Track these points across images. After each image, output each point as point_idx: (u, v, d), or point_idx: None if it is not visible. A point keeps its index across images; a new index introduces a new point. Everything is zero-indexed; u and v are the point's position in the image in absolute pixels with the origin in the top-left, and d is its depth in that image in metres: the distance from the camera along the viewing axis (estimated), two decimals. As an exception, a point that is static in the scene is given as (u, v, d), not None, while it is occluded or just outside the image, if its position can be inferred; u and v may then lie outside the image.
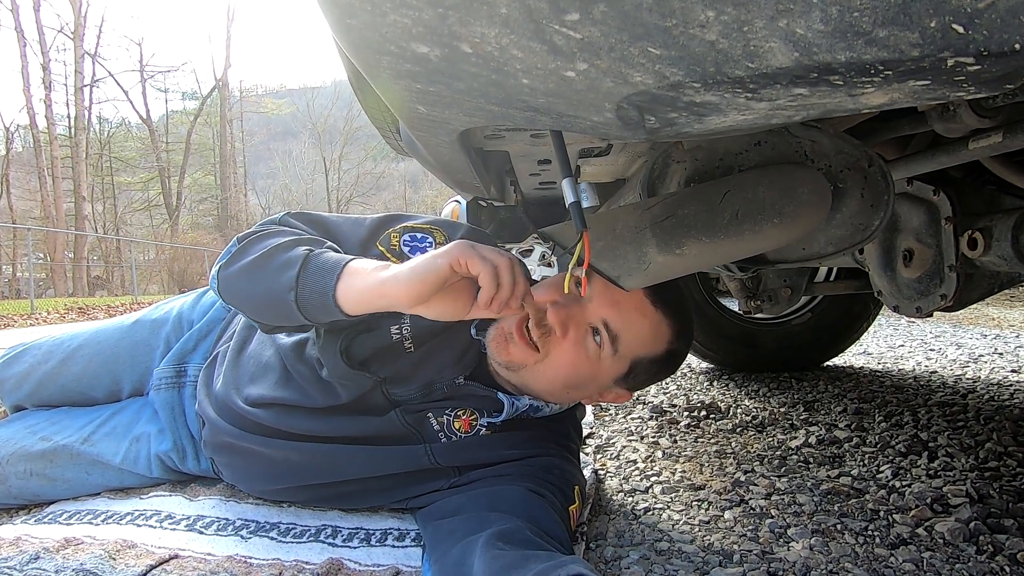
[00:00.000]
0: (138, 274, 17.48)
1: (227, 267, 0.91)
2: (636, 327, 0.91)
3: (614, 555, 0.93)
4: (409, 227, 1.02)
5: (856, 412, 1.71)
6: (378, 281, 0.78)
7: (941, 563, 0.89)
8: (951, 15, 0.31)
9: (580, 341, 0.91)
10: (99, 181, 25.00)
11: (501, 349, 0.93)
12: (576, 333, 0.91)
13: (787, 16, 0.33)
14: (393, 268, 0.79)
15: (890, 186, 0.75)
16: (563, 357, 0.91)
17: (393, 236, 1.00)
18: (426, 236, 1.00)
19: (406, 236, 1.00)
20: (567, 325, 0.90)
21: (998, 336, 3.20)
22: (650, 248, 0.76)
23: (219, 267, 0.92)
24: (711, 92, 0.42)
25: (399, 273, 0.78)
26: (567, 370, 0.92)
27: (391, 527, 0.98)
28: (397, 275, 0.77)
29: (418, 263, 0.77)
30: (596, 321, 0.91)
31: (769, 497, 1.14)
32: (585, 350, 0.91)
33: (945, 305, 1.03)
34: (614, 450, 1.46)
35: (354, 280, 0.80)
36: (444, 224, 1.05)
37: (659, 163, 0.86)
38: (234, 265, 0.90)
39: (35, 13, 20.90)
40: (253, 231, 0.95)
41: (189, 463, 1.13)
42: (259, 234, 0.93)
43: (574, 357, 0.91)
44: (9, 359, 1.23)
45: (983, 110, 0.71)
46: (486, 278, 0.75)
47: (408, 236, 1.00)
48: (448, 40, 0.42)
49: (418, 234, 1.00)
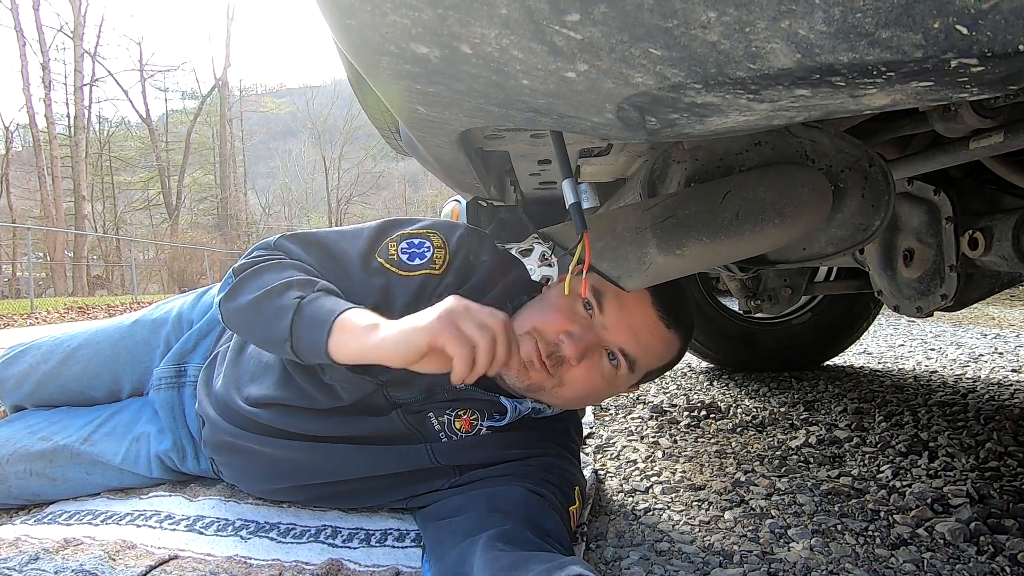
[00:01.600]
0: (138, 273, 17.48)
1: (226, 302, 0.92)
2: (652, 349, 0.93)
3: (614, 555, 0.93)
4: (406, 234, 1.02)
5: (856, 412, 1.71)
6: (369, 345, 0.78)
7: (941, 563, 0.89)
8: (954, 16, 0.31)
9: (595, 366, 0.92)
10: (99, 180, 25.00)
11: (521, 375, 0.93)
12: (591, 360, 0.92)
13: (789, 17, 0.33)
14: (382, 329, 0.78)
15: (891, 186, 0.75)
16: (580, 381, 0.93)
17: (391, 246, 1.00)
18: (423, 241, 1.00)
19: (403, 244, 1.00)
20: (583, 356, 0.91)
21: (998, 336, 3.20)
22: (650, 248, 0.75)
23: (219, 300, 0.93)
24: (712, 93, 0.42)
25: (387, 338, 0.77)
26: (584, 391, 0.95)
27: (391, 527, 0.98)
28: (384, 341, 0.77)
29: (402, 333, 0.76)
30: (613, 348, 0.92)
31: (769, 497, 1.14)
32: (600, 372, 0.93)
33: (945, 305, 1.03)
34: (614, 450, 1.46)
35: (345, 337, 0.80)
36: (442, 226, 1.04)
37: (659, 163, 0.86)
38: (232, 302, 0.91)
39: (35, 12, 20.91)
40: (247, 264, 0.94)
41: (189, 463, 1.13)
42: (253, 269, 0.92)
43: (590, 379, 0.93)
44: (9, 359, 1.22)
45: (984, 110, 0.71)
46: (459, 362, 0.73)
47: (405, 243, 1.00)
48: (448, 41, 0.41)
49: (415, 240, 1.00)
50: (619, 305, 0.90)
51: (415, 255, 0.99)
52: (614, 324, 0.91)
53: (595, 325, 0.91)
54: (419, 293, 0.97)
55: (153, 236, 25.96)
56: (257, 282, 0.90)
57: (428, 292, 0.97)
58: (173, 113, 30.24)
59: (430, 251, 0.99)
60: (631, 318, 0.91)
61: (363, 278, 0.97)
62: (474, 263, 1.01)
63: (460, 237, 1.02)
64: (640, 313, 0.91)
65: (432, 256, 0.99)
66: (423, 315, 0.77)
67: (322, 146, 33.80)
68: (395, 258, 0.99)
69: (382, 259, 0.99)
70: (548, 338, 0.91)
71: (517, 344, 0.79)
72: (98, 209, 25.02)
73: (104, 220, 25.68)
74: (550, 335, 0.91)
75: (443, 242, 1.00)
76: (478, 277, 1.00)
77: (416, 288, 0.96)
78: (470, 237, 1.03)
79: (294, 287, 0.87)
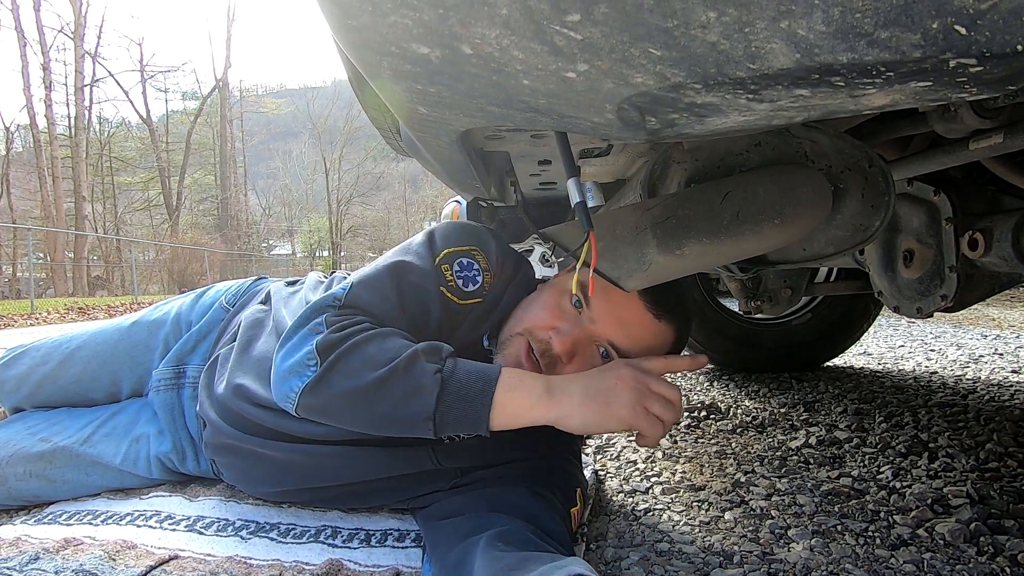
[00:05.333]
0: (138, 274, 17.47)
1: (318, 390, 0.78)
2: (641, 340, 0.92)
3: (614, 556, 0.93)
4: (453, 253, 0.97)
5: (856, 413, 1.71)
6: (549, 417, 0.78)
7: (942, 564, 0.89)
8: (953, 16, 0.31)
9: (587, 363, 0.92)
10: (99, 181, 24.99)
11: None
12: (582, 356, 0.92)
13: (789, 17, 0.33)
14: (561, 400, 0.78)
15: (891, 187, 0.75)
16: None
17: (446, 272, 0.95)
18: (472, 262, 0.97)
19: (455, 266, 0.96)
20: (572, 352, 0.91)
21: (998, 336, 3.20)
22: (650, 249, 0.76)
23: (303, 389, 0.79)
24: (712, 93, 0.42)
25: (571, 415, 0.78)
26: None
27: (391, 528, 0.98)
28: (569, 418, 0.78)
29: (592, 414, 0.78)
30: (602, 342, 0.91)
31: (769, 498, 1.14)
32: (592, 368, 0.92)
33: (945, 306, 1.03)
34: (614, 450, 1.46)
35: (511, 409, 0.77)
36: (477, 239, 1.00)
37: (659, 163, 0.86)
38: (328, 390, 0.78)
39: (35, 13, 20.91)
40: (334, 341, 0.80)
41: (189, 464, 1.13)
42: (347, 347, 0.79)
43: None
44: (8, 361, 1.23)
45: (984, 110, 0.71)
46: (654, 441, 0.80)
47: (458, 266, 0.96)
48: (449, 41, 0.42)
49: (464, 259, 0.97)
50: (606, 299, 0.90)
51: (468, 280, 0.96)
52: (601, 318, 0.90)
53: (583, 320, 0.91)
54: (462, 317, 0.95)
55: (153, 237, 25.96)
56: (358, 359, 0.78)
57: (472, 316, 0.96)
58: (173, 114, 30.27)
59: (480, 275, 0.96)
60: (618, 310, 0.90)
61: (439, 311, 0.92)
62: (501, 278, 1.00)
63: (496, 254, 0.99)
64: (627, 305, 0.91)
65: (482, 282, 0.96)
66: (608, 392, 0.79)
67: (322, 147, 33.82)
68: (454, 285, 0.94)
69: (445, 290, 0.94)
70: (539, 336, 0.91)
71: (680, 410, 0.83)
72: (98, 210, 25.01)
73: (104, 221, 25.67)
74: (540, 333, 0.91)
75: (487, 263, 0.98)
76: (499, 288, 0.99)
77: (463, 313, 0.95)
78: (503, 255, 1.00)
79: (420, 358, 0.78)
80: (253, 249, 30.73)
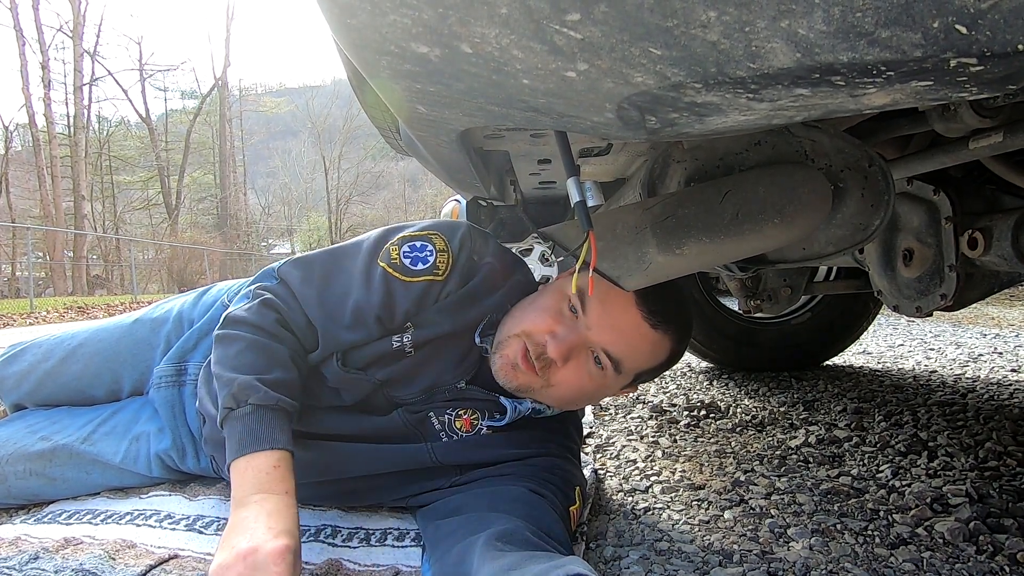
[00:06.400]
0: (137, 273, 17.47)
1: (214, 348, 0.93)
2: (637, 350, 0.92)
3: (614, 555, 0.93)
4: (407, 236, 1.00)
5: (856, 412, 1.71)
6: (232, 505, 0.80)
7: (941, 563, 0.89)
8: (954, 16, 0.31)
9: (582, 367, 0.92)
10: (98, 180, 24.97)
11: (509, 376, 0.94)
12: (577, 360, 0.92)
13: (789, 17, 0.33)
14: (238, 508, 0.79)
15: (890, 186, 0.75)
16: (568, 382, 0.93)
17: (393, 250, 0.98)
18: (425, 244, 0.99)
19: (405, 247, 0.98)
20: (567, 356, 0.91)
21: (998, 335, 3.20)
22: (650, 248, 0.76)
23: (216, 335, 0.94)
24: (712, 92, 0.42)
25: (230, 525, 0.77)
26: (574, 392, 0.95)
27: (391, 527, 0.98)
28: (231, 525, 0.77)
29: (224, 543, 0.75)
30: (596, 349, 0.91)
31: (769, 497, 1.14)
32: (588, 373, 0.93)
33: (945, 304, 1.03)
34: (614, 450, 1.46)
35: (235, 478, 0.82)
36: (444, 227, 1.03)
37: (659, 163, 0.86)
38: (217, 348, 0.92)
39: (34, 12, 20.88)
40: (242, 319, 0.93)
41: (189, 462, 1.13)
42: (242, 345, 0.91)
43: (578, 381, 0.93)
44: (9, 358, 1.22)
45: (984, 110, 0.71)
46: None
47: (408, 247, 0.98)
48: (448, 40, 0.41)
49: (417, 243, 0.99)
50: (602, 306, 0.90)
51: (417, 259, 0.97)
52: (597, 324, 0.90)
53: (579, 326, 0.91)
54: (421, 299, 0.96)
55: (153, 236, 25.95)
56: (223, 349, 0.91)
57: (431, 298, 0.97)
58: (173, 113, 30.27)
59: (432, 255, 0.97)
60: (614, 318, 0.90)
61: (365, 294, 0.95)
62: (477, 264, 1.00)
63: (462, 237, 1.00)
64: (623, 313, 0.90)
65: (435, 261, 0.97)
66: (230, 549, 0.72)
67: (322, 146, 33.80)
68: (397, 262, 0.97)
69: (384, 263, 0.97)
70: (536, 339, 0.91)
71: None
72: (98, 209, 25.00)
73: (104, 220, 25.66)
74: (537, 336, 0.92)
75: (445, 244, 0.99)
76: (480, 279, 1.00)
77: (419, 294, 0.96)
78: (473, 237, 1.02)
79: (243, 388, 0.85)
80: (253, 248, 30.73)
